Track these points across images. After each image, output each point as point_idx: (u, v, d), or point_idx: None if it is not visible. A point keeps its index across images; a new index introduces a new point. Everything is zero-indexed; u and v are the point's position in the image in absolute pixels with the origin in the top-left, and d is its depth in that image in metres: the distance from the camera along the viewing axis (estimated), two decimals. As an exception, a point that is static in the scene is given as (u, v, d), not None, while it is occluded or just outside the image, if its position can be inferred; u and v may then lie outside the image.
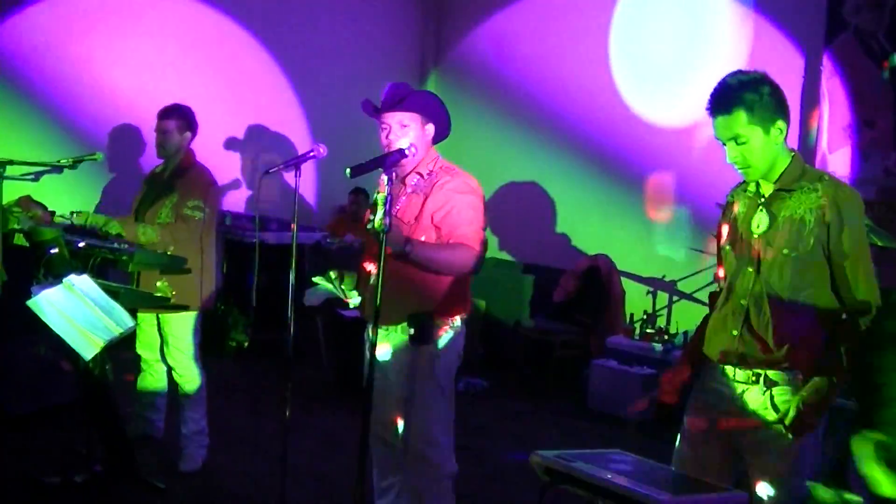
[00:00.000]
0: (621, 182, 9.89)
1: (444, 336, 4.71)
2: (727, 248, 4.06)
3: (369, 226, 4.25)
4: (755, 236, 3.93)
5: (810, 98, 8.20)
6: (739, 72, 3.90)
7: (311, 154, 5.02)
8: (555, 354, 9.09)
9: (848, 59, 7.95)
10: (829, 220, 3.80)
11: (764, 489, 3.88)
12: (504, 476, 6.60)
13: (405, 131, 4.65)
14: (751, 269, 3.93)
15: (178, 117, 6.31)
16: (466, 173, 4.78)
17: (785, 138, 3.90)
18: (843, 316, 3.87)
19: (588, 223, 10.21)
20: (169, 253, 5.98)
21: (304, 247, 9.43)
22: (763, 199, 3.95)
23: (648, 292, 8.85)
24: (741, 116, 3.79)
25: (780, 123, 3.85)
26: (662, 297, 8.70)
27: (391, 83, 4.80)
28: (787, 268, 3.86)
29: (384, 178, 4.27)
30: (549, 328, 9.32)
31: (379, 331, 4.45)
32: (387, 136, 4.68)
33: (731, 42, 8.85)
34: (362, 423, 4.26)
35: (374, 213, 4.22)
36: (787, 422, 3.79)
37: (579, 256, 9.81)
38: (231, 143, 10.31)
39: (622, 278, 9.26)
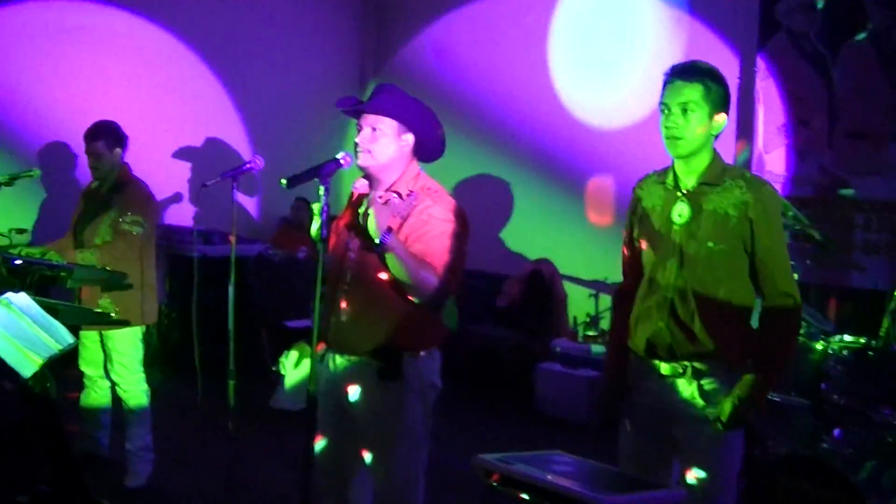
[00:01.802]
0: (563, 186, 9.93)
1: (417, 369, 4.26)
2: (642, 242, 4.15)
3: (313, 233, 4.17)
4: (676, 227, 4.02)
5: (746, 99, 8.28)
6: (702, 61, 4.07)
7: (248, 166, 5.01)
8: (500, 360, 9.14)
9: (782, 60, 8.05)
10: (753, 216, 3.93)
11: (694, 477, 3.95)
12: (452, 483, 6.62)
13: (375, 136, 4.20)
14: (673, 262, 4.01)
15: (105, 136, 6.25)
16: (451, 198, 4.32)
17: (717, 136, 4.01)
18: (770, 310, 3.99)
19: (531, 228, 10.23)
20: (109, 269, 5.95)
21: (247, 259, 9.39)
22: (685, 192, 4.04)
23: (591, 295, 8.92)
24: (699, 89, 3.91)
25: (723, 117, 3.98)
26: (605, 300, 8.77)
27: (380, 83, 4.48)
28: (712, 260, 3.96)
29: (362, 188, 4.21)
30: (493, 334, 9.37)
31: (340, 360, 4.29)
32: (357, 139, 4.26)
33: (666, 44, 8.91)
34: (305, 445, 4.08)
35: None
36: (723, 418, 3.88)
37: (522, 262, 9.86)
38: (171, 157, 10.26)
39: (565, 282, 9.32)
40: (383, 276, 4.14)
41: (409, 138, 4.29)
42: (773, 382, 4.00)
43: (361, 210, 4.22)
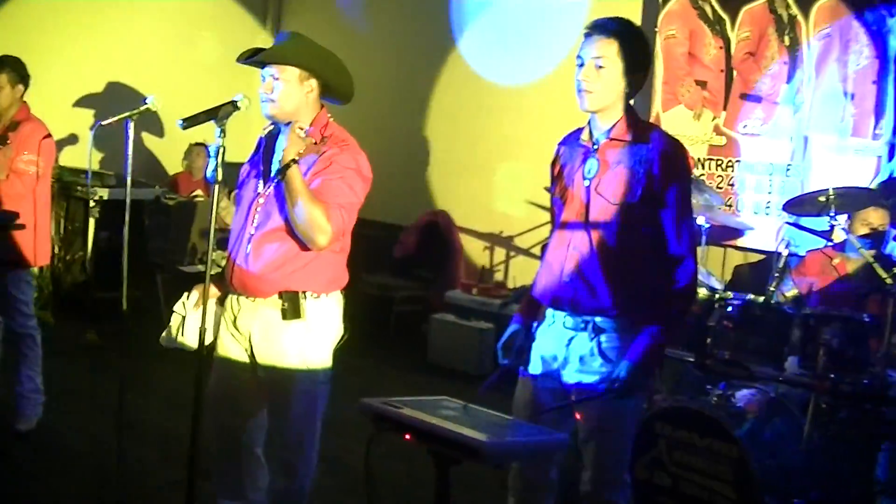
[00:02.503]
0: (460, 138, 9.97)
1: (317, 311, 4.35)
2: (557, 197, 4.17)
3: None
4: (585, 183, 4.02)
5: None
6: (623, 17, 4.02)
7: (144, 105, 5.00)
8: (395, 309, 9.20)
9: (682, 22, 8.16)
10: (658, 172, 3.90)
11: (587, 430, 4.03)
12: (341, 429, 6.65)
13: (277, 84, 4.21)
14: (580, 217, 4.02)
15: (11, 69, 6.15)
16: (359, 149, 4.33)
17: (632, 94, 4.00)
18: (669, 267, 3.97)
19: (428, 179, 10.27)
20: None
21: (143, 203, 9.28)
22: (595, 147, 4.03)
23: (486, 248, 8.99)
24: (614, 45, 3.89)
25: (635, 78, 3.96)
26: (500, 252, 8.85)
27: (281, 31, 4.45)
28: (615, 216, 3.95)
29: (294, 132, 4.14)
30: (388, 283, 9.42)
31: (245, 301, 4.33)
32: (261, 89, 4.25)
33: (572, 4, 8.98)
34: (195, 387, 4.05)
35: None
36: (617, 385, 3.87)
37: (419, 212, 9.89)
38: (72, 98, 10.15)
39: (461, 234, 9.39)
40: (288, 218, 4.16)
41: (314, 83, 4.28)
42: (669, 341, 4.00)
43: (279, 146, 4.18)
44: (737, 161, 7.83)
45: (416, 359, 8.64)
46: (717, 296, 5.61)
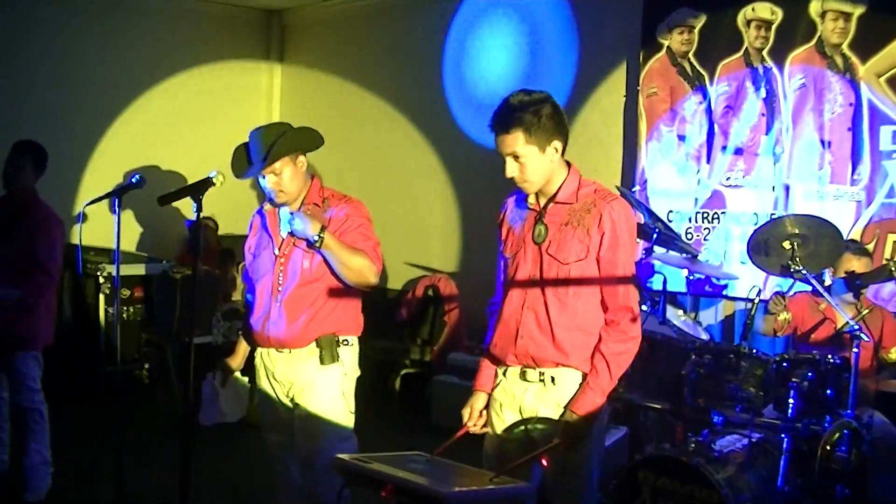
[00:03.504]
0: (459, 200, 10.20)
1: (347, 355, 4.95)
2: (508, 257, 4.34)
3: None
4: (535, 244, 4.19)
5: (630, 116, 8.58)
6: (523, 91, 4.13)
7: (133, 182, 5.23)
8: (399, 373, 9.35)
9: (663, 80, 8.36)
10: (604, 232, 4.09)
11: (554, 477, 4.15)
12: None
13: (280, 179, 4.79)
14: (534, 277, 4.19)
15: (34, 154, 6.43)
16: (357, 200, 4.98)
17: (561, 155, 4.16)
18: (608, 322, 4.17)
19: (429, 242, 10.47)
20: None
21: (152, 277, 9.52)
22: (543, 210, 4.21)
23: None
24: (519, 136, 4.03)
25: (556, 143, 4.10)
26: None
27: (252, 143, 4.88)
28: (566, 274, 4.13)
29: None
30: (392, 348, 9.57)
31: (278, 355, 4.92)
32: (268, 187, 4.83)
33: (560, 65, 9.21)
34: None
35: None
36: (558, 437, 4.08)
37: (420, 278, 10.07)
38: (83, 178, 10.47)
39: (463, 297, 9.54)
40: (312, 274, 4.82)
41: (303, 159, 4.88)
42: (602, 395, 4.15)
43: (283, 219, 4.79)
44: (722, 213, 7.99)
45: (420, 421, 8.77)
46: (696, 347, 5.74)
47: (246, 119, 11.69)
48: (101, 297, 9.28)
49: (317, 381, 4.89)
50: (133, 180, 5.17)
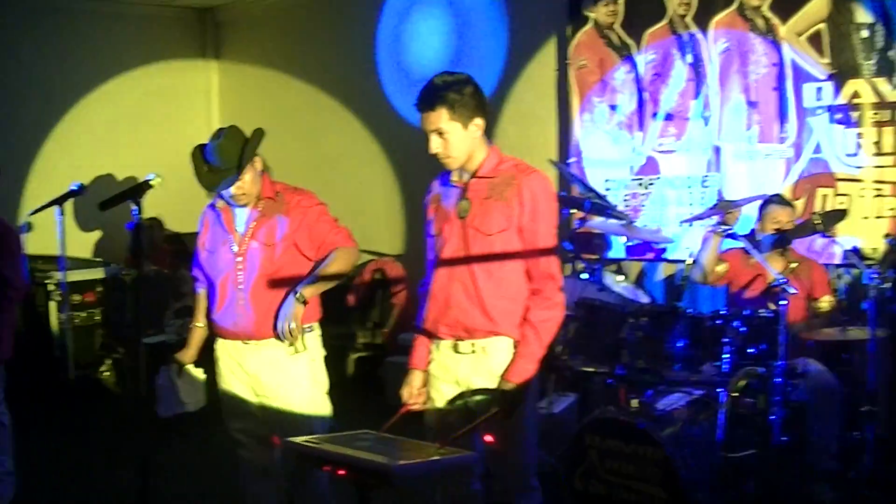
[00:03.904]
0: (401, 178, 10.33)
1: (311, 341, 5.12)
2: (436, 235, 4.52)
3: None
4: (461, 218, 4.38)
5: (562, 89, 8.74)
6: (446, 72, 4.38)
7: (74, 189, 5.33)
8: (352, 357, 9.48)
9: (592, 52, 8.51)
10: (524, 203, 4.29)
11: (493, 444, 4.24)
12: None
13: (241, 185, 4.94)
14: (460, 251, 4.38)
15: None
16: (307, 190, 5.21)
17: (482, 132, 4.37)
18: (533, 290, 4.35)
19: (376, 223, 10.57)
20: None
21: (104, 281, 9.60)
22: (466, 186, 4.40)
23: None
24: (443, 113, 4.25)
25: (478, 120, 4.32)
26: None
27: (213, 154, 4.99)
28: (493, 245, 4.32)
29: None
30: (344, 332, 9.68)
31: (245, 346, 5.03)
32: (233, 192, 4.98)
33: (489, 46, 9.36)
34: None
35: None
36: (496, 405, 4.25)
37: (367, 262, 10.16)
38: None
39: (411, 278, 9.67)
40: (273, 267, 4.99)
41: (259, 160, 5.04)
42: (534, 362, 4.33)
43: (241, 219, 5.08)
44: (657, 178, 8.16)
45: (376, 402, 8.87)
46: (635, 310, 5.91)
47: (186, 118, 11.84)
48: (52, 304, 9.34)
49: (287, 370, 5.04)
50: (74, 188, 5.27)
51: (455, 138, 4.30)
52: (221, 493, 6.51)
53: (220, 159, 4.92)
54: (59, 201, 5.23)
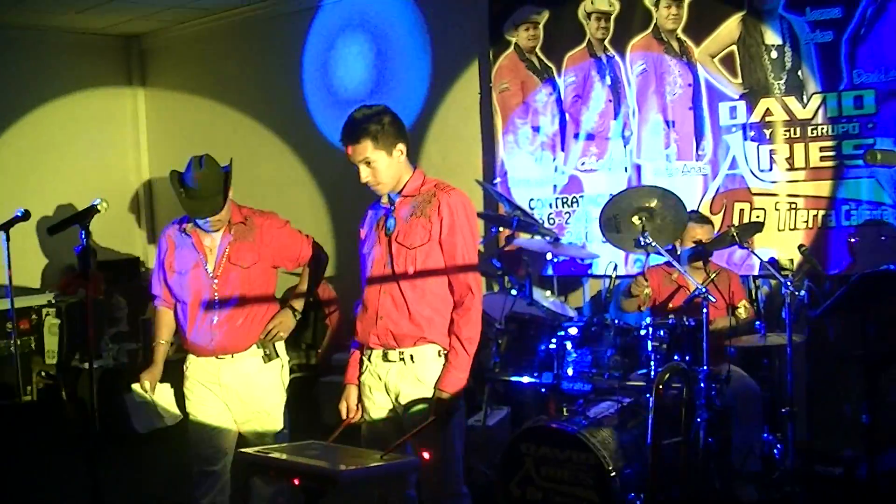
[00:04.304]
0: (335, 209, 10.50)
1: (281, 348, 5.52)
2: (365, 253, 4.80)
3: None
4: (387, 235, 4.68)
5: (486, 111, 8.99)
6: (364, 106, 4.68)
7: (18, 216, 5.46)
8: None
9: (513, 75, 8.77)
10: (443, 218, 4.60)
11: (423, 454, 4.50)
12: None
13: (220, 217, 5.26)
14: (386, 266, 4.68)
15: None
16: (265, 211, 5.57)
17: (405, 157, 4.68)
18: (455, 303, 4.65)
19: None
20: None
21: (35, 308, 9.62)
22: (393, 206, 4.70)
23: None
24: (368, 144, 4.56)
25: (401, 146, 4.65)
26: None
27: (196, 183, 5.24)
28: (414, 260, 4.62)
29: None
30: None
31: (218, 361, 5.33)
32: (210, 221, 5.28)
33: (416, 64, 9.59)
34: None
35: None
36: (432, 414, 4.54)
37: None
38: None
39: (342, 299, 9.84)
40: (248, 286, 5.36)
41: (230, 190, 5.31)
42: (465, 371, 4.62)
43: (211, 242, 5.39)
44: (580, 196, 8.43)
45: (311, 421, 9.01)
46: (560, 322, 6.15)
47: (114, 144, 11.92)
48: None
49: (263, 377, 5.43)
50: (18, 213, 5.39)
51: (382, 165, 4.61)
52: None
53: (203, 187, 5.17)
54: (3, 227, 5.31)
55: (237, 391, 5.37)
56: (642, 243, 6.05)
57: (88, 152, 11.61)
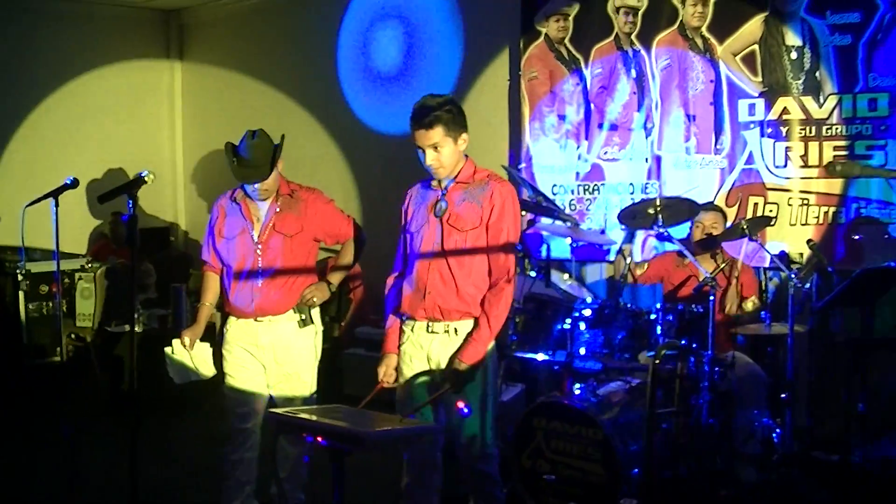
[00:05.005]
0: (356, 190, 10.81)
1: (316, 315, 5.90)
2: (414, 232, 5.12)
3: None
4: (438, 218, 5.02)
5: (514, 99, 9.28)
6: (433, 95, 5.02)
7: (67, 184, 5.76)
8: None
9: (542, 65, 9.06)
10: (494, 206, 4.96)
11: (458, 419, 4.95)
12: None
13: (266, 185, 5.65)
14: (437, 246, 5.02)
15: None
16: (315, 188, 5.98)
17: (466, 146, 5.03)
18: (491, 282, 5.00)
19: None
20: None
21: (69, 272, 9.93)
22: (445, 190, 5.05)
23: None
24: (440, 130, 4.90)
25: (465, 135, 5.01)
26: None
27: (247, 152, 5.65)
28: (464, 241, 4.97)
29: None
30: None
31: (257, 324, 5.72)
32: (257, 189, 5.68)
33: (447, 55, 9.88)
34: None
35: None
36: (448, 382, 4.92)
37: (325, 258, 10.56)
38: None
39: (366, 274, 10.13)
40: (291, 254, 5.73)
41: (281, 163, 5.74)
42: (484, 346, 4.98)
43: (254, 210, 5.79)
44: (602, 184, 8.72)
45: (334, 392, 9.30)
46: (572, 303, 6.42)
47: (149, 116, 12.20)
48: (21, 294, 9.70)
49: (298, 339, 5.80)
50: (68, 181, 5.69)
51: (447, 152, 4.96)
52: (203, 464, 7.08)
53: (253, 157, 5.59)
54: (54, 193, 5.62)
55: (273, 353, 5.74)
56: (654, 227, 6.33)
57: (125, 123, 11.92)
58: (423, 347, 5.09)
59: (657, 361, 5.67)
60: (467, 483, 5.21)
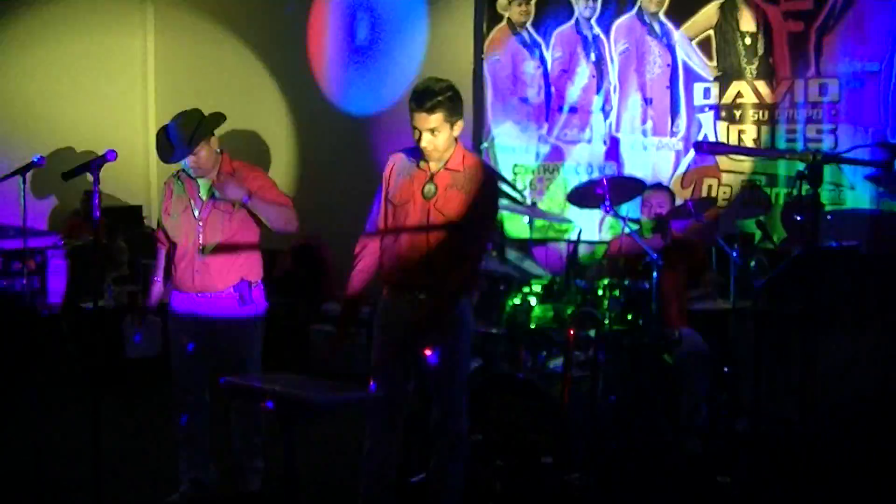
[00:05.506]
0: (331, 169, 10.94)
1: (258, 293, 6.04)
2: (397, 205, 5.26)
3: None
4: (425, 199, 5.17)
5: (477, 81, 9.47)
6: (436, 79, 5.13)
7: (34, 162, 5.90)
8: (276, 324, 10.05)
9: (504, 48, 9.25)
10: (477, 192, 5.13)
11: (434, 380, 5.23)
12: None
13: (199, 158, 5.76)
14: (422, 223, 5.17)
15: None
16: (255, 167, 6.11)
17: (459, 132, 5.18)
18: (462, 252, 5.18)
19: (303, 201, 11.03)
20: None
21: (42, 249, 10.06)
22: (434, 174, 5.19)
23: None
24: (441, 115, 5.03)
25: (460, 122, 5.15)
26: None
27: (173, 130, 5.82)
28: (447, 226, 5.13)
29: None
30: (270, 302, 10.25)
31: (199, 299, 5.87)
32: (191, 165, 5.83)
33: (413, 37, 10.06)
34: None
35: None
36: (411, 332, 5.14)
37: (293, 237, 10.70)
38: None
39: (333, 252, 10.28)
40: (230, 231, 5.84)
41: (215, 139, 5.87)
42: (444, 305, 5.16)
43: (203, 187, 5.90)
44: (561, 165, 8.92)
45: (300, 366, 9.45)
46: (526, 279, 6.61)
47: (122, 95, 12.19)
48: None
49: (238, 315, 5.93)
50: (35, 159, 5.83)
51: (444, 137, 5.09)
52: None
53: (177, 136, 5.74)
54: (21, 171, 5.76)
55: (215, 325, 5.92)
56: (602, 205, 6.52)
57: (96, 101, 11.90)
58: (400, 316, 5.24)
59: (571, 331, 5.92)
60: (433, 443, 5.36)
